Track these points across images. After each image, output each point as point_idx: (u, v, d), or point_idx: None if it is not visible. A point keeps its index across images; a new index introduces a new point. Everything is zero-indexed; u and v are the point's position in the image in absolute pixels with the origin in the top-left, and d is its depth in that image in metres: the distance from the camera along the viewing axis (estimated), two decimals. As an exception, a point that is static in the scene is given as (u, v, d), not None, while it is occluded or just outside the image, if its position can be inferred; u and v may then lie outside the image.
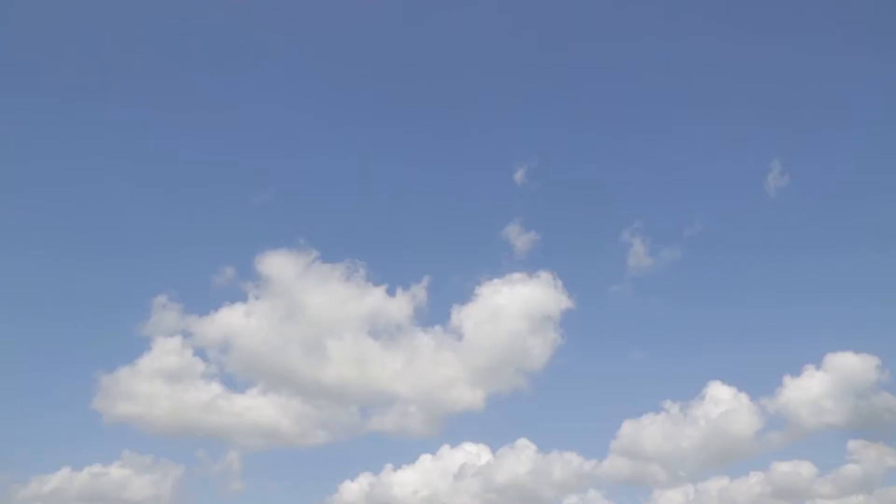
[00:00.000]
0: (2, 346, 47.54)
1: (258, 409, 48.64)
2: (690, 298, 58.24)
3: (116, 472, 44.59)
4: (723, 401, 46.88)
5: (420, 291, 55.35)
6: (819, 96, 44.12)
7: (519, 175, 57.42)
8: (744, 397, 48.83)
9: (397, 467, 48.06)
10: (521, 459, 48.26)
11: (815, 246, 55.47)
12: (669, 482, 46.72)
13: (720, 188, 58.44)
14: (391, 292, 54.96)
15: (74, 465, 43.10)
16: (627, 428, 49.76)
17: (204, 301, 51.74)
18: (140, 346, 47.64)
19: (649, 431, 49.65)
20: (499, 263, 55.82)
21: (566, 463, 48.43)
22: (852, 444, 44.68)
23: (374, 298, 53.97)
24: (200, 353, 51.05)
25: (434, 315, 53.58)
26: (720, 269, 58.81)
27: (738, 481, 46.10)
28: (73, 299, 50.92)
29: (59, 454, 47.88)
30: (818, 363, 49.76)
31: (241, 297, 53.64)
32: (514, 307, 49.73)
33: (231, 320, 49.24)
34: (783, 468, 46.51)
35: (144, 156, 54.04)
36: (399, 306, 53.63)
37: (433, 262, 59.63)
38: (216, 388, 49.63)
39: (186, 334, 48.76)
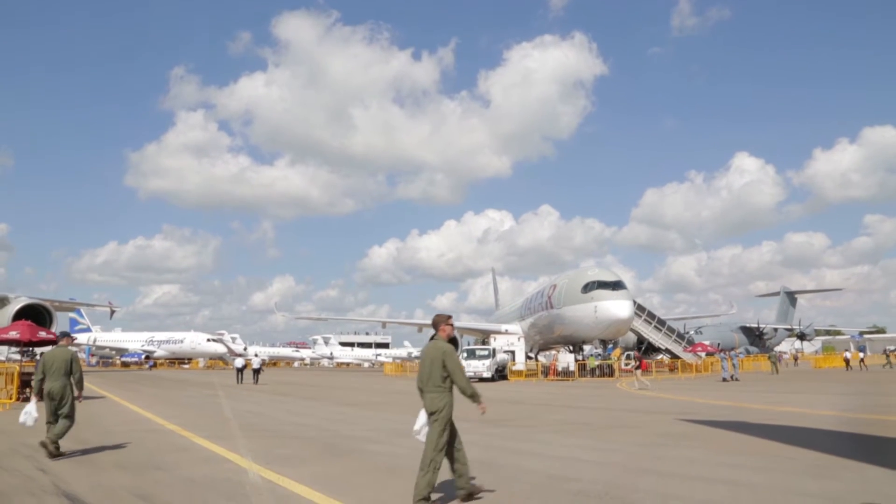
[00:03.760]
0: (29, 132, 48.35)
1: (286, 179, 49.85)
2: (734, 65, 53.82)
3: (159, 243, 47.82)
4: (748, 172, 46.86)
5: (447, 55, 53.10)
6: None
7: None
8: (770, 169, 48.71)
9: (423, 233, 50.49)
10: (543, 225, 49.72)
11: (874, 10, 48.26)
12: (685, 249, 48.55)
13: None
14: (417, 56, 53.01)
15: (120, 240, 46.34)
16: (650, 196, 50.65)
17: (222, 71, 51.13)
18: (163, 122, 48.79)
19: (671, 200, 50.20)
20: (530, 24, 52.47)
21: (587, 229, 49.83)
22: (869, 219, 45.64)
23: (400, 63, 51.97)
24: (224, 126, 51.44)
25: (461, 80, 52.41)
26: (771, 33, 52.94)
27: (751, 250, 48.06)
28: (87, 78, 49.82)
29: (105, 230, 51.10)
30: (853, 137, 48.78)
31: (261, 65, 52.41)
32: (545, 72, 47.56)
33: (252, 90, 48.49)
34: (796, 239, 47.74)
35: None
36: (425, 71, 51.90)
37: (461, 22, 56.33)
38: (244, 160, 50.64)
39: (208, 107, 48.97)
